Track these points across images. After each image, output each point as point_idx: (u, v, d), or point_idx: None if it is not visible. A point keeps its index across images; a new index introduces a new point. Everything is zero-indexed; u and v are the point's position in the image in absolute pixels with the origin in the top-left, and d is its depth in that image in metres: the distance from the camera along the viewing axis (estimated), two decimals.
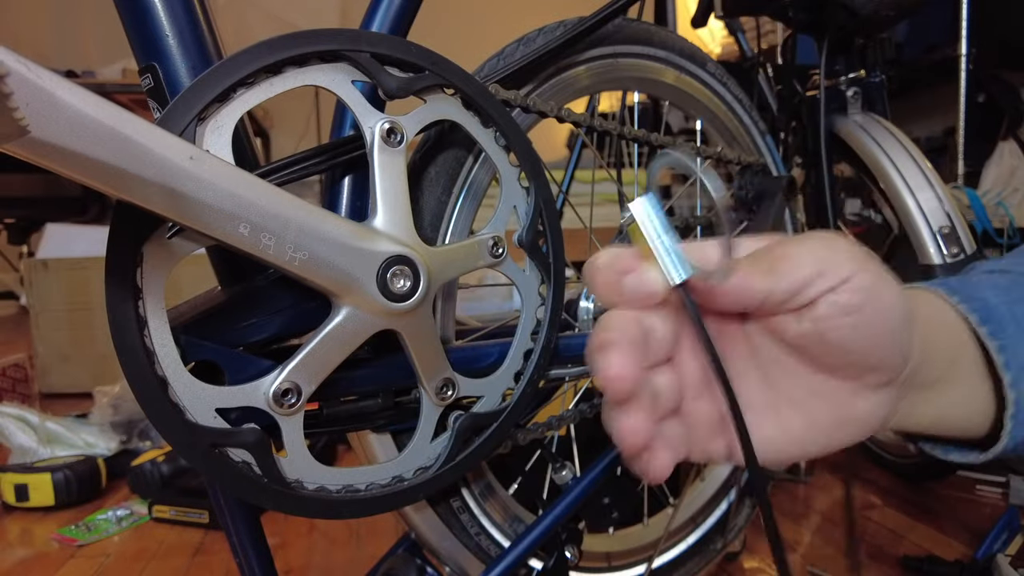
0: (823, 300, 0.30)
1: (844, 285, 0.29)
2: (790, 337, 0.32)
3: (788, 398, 0.34)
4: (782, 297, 0.30)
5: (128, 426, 1.43)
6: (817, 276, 0.29)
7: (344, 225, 0.43)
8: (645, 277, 0.29)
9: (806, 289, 0.29)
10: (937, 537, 1.02)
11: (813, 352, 0.32)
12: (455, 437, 0.52)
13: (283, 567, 0.98)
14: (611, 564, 0.76)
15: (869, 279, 0.30)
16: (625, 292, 0.30)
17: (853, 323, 0.30)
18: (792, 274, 0.29)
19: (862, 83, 1.00)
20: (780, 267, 0.30)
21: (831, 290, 0.29)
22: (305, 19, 3.46)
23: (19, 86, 0.26)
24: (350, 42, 0.44)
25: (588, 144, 0.70)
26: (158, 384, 0.39)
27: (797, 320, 0.31)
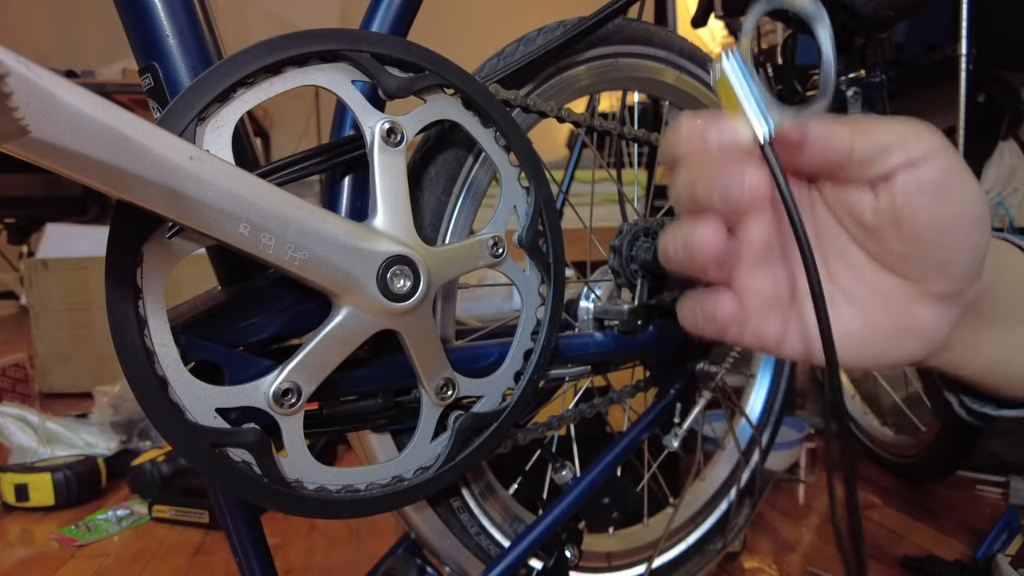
0: (903, 174, 0.29)
1: (925, 161, 0.29)
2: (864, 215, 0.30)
3: (848, 293, 0.32)
4: (863, 157, 0.29)
5: (128, 426, 1.43)
6: (900, 143, 0.29)
7: (344, 225, 0.43)
8: (732, 128, 0.29)
9: (888, 153, 0.29)
10: (937, 537, 1.02)
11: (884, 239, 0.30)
12: (455, 437, 0.52)
13: (283, 567, 0.98)
14: (611, 564, 0.76)
15: (951, 161, 0.29)
16: (709, 141, 0.29)
17: (930, 204, 0.29)
18: (876, 136, 0.29)
19: (862, 83, 1.00)
20: (865, 127, 0.29)
21: (912, 163, 0.29)
22: (305, 19, 3.46)
23: (19, 86, 0.26)
24: (350, 42, 0.44)
25: (588, 144, 0.70)
26: (158, 384, 0.39)
27: (873, 197, 0.30)
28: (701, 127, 0.29)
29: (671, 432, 0.74)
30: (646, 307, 0.67)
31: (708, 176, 0.29)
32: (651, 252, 0.65)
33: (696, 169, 0.29)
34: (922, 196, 0.29)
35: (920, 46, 2.10)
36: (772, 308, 0.32)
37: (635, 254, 0.66)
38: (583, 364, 0.64)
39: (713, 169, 0.29)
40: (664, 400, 0.69)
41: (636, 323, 0.66)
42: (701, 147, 0.29)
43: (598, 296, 0.69)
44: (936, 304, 0.31)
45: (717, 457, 0.89)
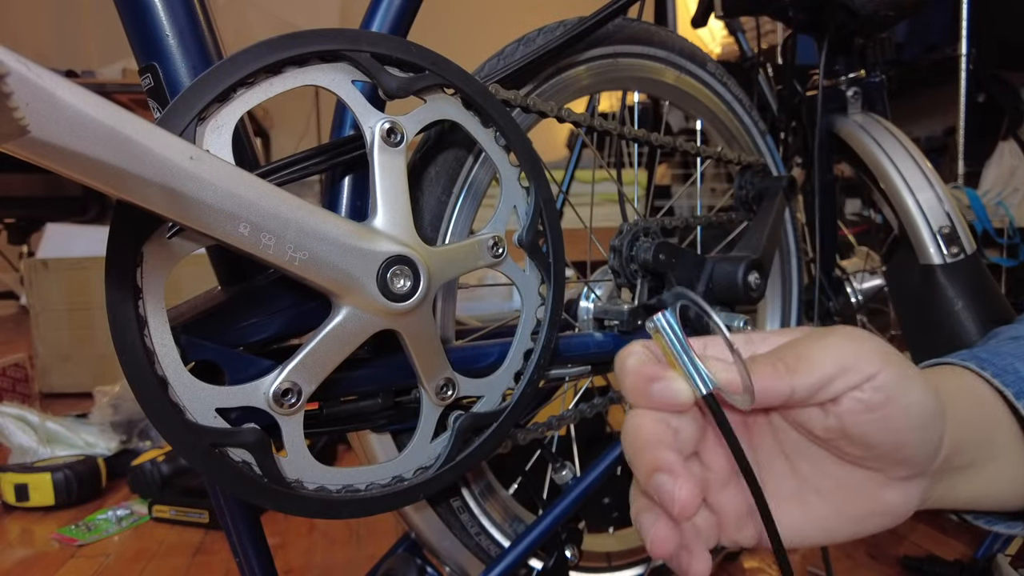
0: (847, 396, 0.30)
1: (868, 383, 0.30)
2: (816, 432, 0.32)
3: (815, 488, 0.34)
4: (805, 394, 0.30)
5: (128, 426, 1.43)
6: (840, 373, 0.30)
7: (344, 225, 0.43)
8: (672, 387, 0.30)
9: (829, 385, 0.30)
10: (937, 537, 1.02)
11: (839, 445, 0.32)
12: (455, 437, 0.52)
13: (283, 567, 0.98)
14: (611, 564, 0.76)
15: (893, 376, 0.30)
16: (653, 398, 0.31)
17: (878, 419, 0.30)
18: (814, 372, 0.30)
19: (862, 83, 1.00)
20: (802, 366, 0.30)
21: (855, 387, 0.30)
22: (305, 19, 3.46)
23: (19, 86, 0.26)
24: (350, 42, 0.44)
25: (588, 144, 0.70)
26: (158, 384, 0.39)
27: (823, 415, 0.31)
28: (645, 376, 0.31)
29: None
30: (646, 307, 0.67)
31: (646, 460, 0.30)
32: (651, 252, 0.65)
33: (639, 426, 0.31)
34: (867, 414, 0.30)
35: (920, 46, 2.10)
36: (744, 519, 0.34)
37: (635, 254, 0.66)
38: (583, 364, 0.64)
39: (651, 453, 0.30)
40: None
41: (636, 323, 0.66)
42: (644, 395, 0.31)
43: (598, 296, 0.69)
44: (902, 484, 0.33)
45: None
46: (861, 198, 1.80)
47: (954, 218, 0.86)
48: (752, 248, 0.72)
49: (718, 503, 0.34)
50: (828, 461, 0.34)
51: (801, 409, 0.32)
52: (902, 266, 0.90)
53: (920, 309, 0.87)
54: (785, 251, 0.91)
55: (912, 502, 0.34)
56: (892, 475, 0.33)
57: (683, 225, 0.75)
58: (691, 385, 0.30)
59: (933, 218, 0.86)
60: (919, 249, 0.87)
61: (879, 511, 0.34)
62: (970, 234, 0.86)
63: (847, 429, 0.31)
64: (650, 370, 0.31)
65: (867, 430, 0.30)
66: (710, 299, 0.70)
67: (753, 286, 0.69)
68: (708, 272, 0.69)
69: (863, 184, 0.98)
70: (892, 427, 0.30)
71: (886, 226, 1.00)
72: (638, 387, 0.31)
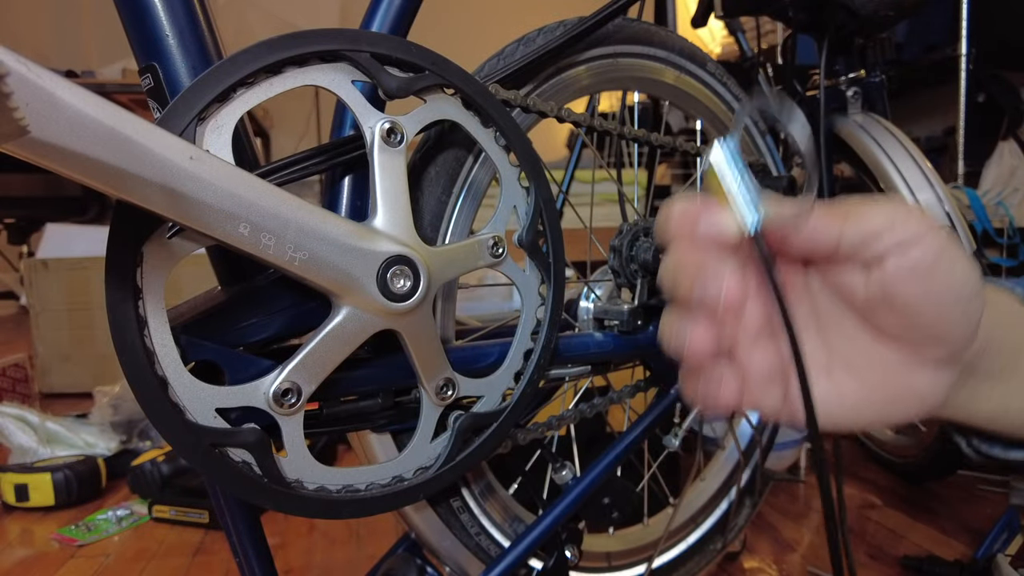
0: (892, 257, 0.29)
1: (914, 244, 0.29)
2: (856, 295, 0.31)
3: (845, 362, 0.33)
4: (852, 243, 0.30)
5: (128, 426, 1.43)
6: (888, 228, 0.29)
7: (344, 225, 0.43)
8: (720, 219, 0.29)
9: (876, 239, 0.29)
10: (937, 537, 1.02)
11: (878, 314, 0.31)
12: (455, 437, 0.52)
13: (283, 567, 0.98)
14: (611, 564, 0.76)
15: (939, 242, 0.29)
16: (699, 232, 0.30)
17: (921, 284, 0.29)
18: (863, 222, 0.29)
19: (862, 83, 1.00)
20: (852, 214, 0.30)
21: (901, 247, 0.29)
22: (305, 19, 3.46)
23: (19, 86, 0.26)
24: (350, 42, 0.44)
25: (588, 144, 0.70)
26: (158, 384, 0.39)
27: (864, 278, 0.30)
28: (691, 215, 0.30)
29: (671, 432, 0.74)
30: (646, 307, 0.67)
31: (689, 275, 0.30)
32: (651, 252, 0.65)
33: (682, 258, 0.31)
34: (912, 278, 0.29)
35: (920, 46, 2.10)
36: (771, 381, 0.33)
37: (635, 254, 0.66)
38: (583, 364, 0.64)
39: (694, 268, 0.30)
40: (664, 400, 0.69)
41: (636, 323, 0.66)
42: (690, 236, 0.30)
43: (598, 296, 0.69)
44: (933, 369, 0.32)
45: (717, 457, 0.89)
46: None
47: (954, 218, 0.86)
48: None
49: (746, 359, 0.33)
50: (862, 335, 0.33)
51: (844, 271, 0.31)
52: None
53: None
54: None
55: (940, 390, 0.33)
56: (926, 355, 0.32)
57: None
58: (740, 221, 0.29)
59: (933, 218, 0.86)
60: None
61: (907, 395, 0.33)
62: (970, 234, 0.87)
63: (889, 292, 0.30)
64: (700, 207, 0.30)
65: (909, 295, 0.30)
66: None
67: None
68: None
69: (863, 184, 0.98)
70: (934, 294, 0.30)
71: None
72: (684, 223, 0.30)
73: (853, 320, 0.33)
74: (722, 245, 0.30)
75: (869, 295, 0.31)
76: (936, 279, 0.29)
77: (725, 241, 0.30)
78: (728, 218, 0.29)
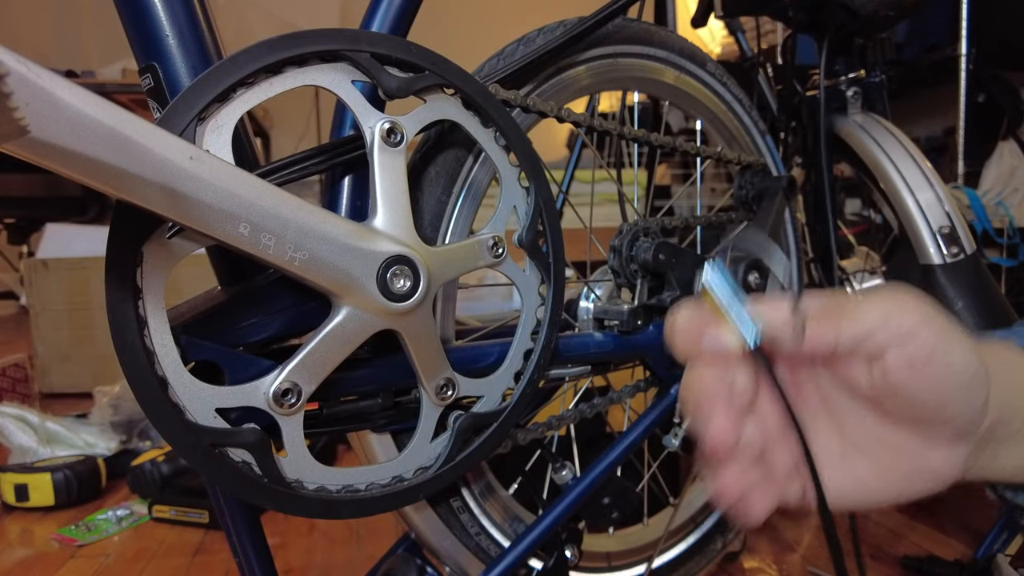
0: (891, 352, 0.30)
1: (911, 337, 0.30)
2: (862, 388, 0.33)
3: (860, 447, 0.35)
4: (850, 343, 0.31)
5: (128, 426, 1.43)
6: (882, 325, 0.30)
7: (344, 225, 0.43)
8: (722, 338, 0.32)
9: (872, 338, 0.31)
10: (937, 537, 1.02)
11: (884, 403, 0.33)
12: (455, 437, 0.52)
13: (283, 567, 0.98)
14: (611, 564, 0.76)
15: (936, 333, 0.31)
16: (704, 351, 0.32)
17: (921, 375, 0.31)
18: (858, 322, 0.31)
19: (862, 83, 1.00)
20: (846, 315, 0.31)
21: (898, 341, 0.30)
22: (305, 19, 3.46)
23: (19, 86, 0.26)
24: (350, 42, 0.44)
25: (588, 144, 0.70)
26: (158, 384, 0.39)
27: (867, 371, 0.32)
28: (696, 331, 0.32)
29: (671, 432, 0.74)
30: (646, 307, 0.67)
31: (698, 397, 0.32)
32: (651, 252, 0.65)
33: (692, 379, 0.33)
34: (911, 369, 0.30)
35: (920, 46, 2.10)
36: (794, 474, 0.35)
37: (635, 254, 0.66)
38: (583, 364, 0.64)
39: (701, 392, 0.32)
40: (664, 400, 0.69)
41: (636, 323, 0.66)
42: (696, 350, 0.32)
43: (598, 296, 0.69)
44: (946, 447, 0.33)
45: None
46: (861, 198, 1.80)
47: (954, 218, 0.86)
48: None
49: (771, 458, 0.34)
50: (873, 420, 0.34)
51: (847, 366, 0.32)
52: (902, 266, 0.90)
53: None
54: (785, 251, 0.91)
55: (956, 466, 0.33)
56: (936, 436, 0.33)
57: (683, 225, 0.75)
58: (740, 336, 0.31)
59: (933, 218, 0.86)
60: (919, 249, 0.87)
61: (923, 473, 0.34)
62: (970, 234, 0.86)
63: (892, 385, 0.31)
64: (700, 323, 0.32)
65: (911, 386, 0.31)
66: None
67: (753, 286, 0.69)
68: None
69: (863, 184, 0.98)
70: (935, 384, 0.31)
71: (886, 226, 1.00)
72: (689, 340, 0.32)
73: (862, 408, 0.34)
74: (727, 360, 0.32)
75: (873, 385, 0.32)
76: (934, 368, 0.30)
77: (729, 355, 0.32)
78: (729, 334, 0.31)
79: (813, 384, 0.35)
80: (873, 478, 0.34)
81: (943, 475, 0.34)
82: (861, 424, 0.34)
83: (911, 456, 0.34)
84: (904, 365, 0.30)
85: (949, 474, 0.34)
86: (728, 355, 0.32)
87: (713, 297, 0.31)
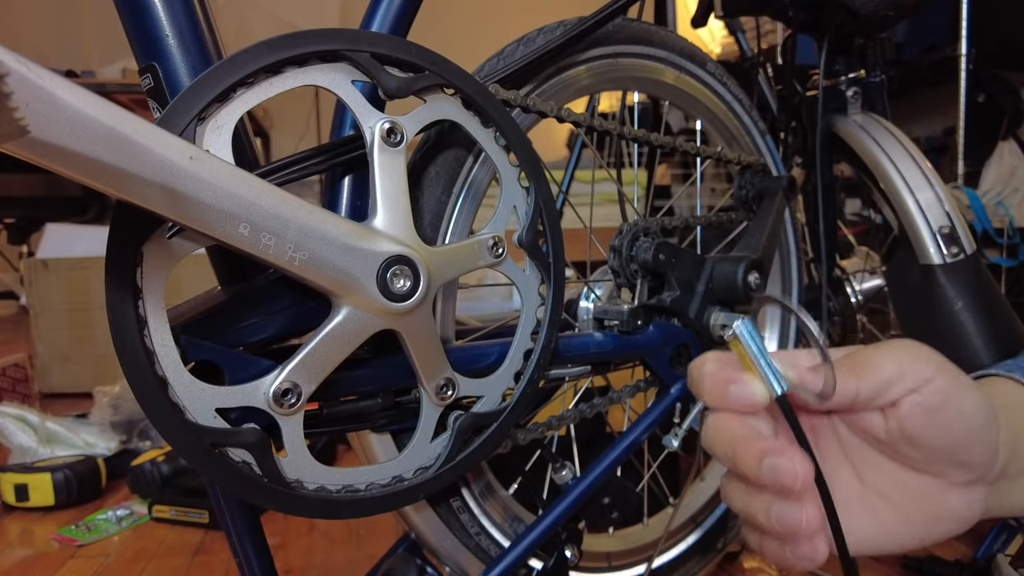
0: (906, 400, 0.32)
1: (925, 386, 0.32)
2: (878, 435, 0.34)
3: (881, 494, 0.36)
4: (868, 396, 0.33)
5: (128, 426, 1.43)
6: (898, 377, 0.32)
7: (344, 225, 0.43)
8: (749, 388, 0.33)
9: (889, 389, 0.32)
10: None
11: (901, 449, 0.34)
12: (455, 437, 0.52)
13: (283, 567, 0.98)
14: (611, 564, 0.76)
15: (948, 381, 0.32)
16: (731, 399, 0.33)
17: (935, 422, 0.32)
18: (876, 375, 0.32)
19: (862, 83, 1.00)
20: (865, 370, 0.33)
21: (913, 391, 0.32)
22: (305, 19, 3.47)
23: (19, 86, 0.26)
24: (350, 42, 0.44)
25: (588, 144, 0.70)
26: (158, 384, 0.39)
27: (883, 419, 0.33)
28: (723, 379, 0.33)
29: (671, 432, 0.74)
30: (646, 307, 0.67)
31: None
32: (651, 252, 0.65)
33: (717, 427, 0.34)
34: (926, 416, 0.32)
35: (920, 46, 2.10)
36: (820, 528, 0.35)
37: (635, 254, 0.66)
38: (583, 364, 0.64)
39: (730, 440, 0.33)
40: (664, 400, 0.69)
41: (636, 323, 0.66)
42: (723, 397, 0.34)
43: (598, 296, 0.69)
44: (963, 489, 0.35)
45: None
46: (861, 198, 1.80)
47: (954, 218, 0.86)
48: (752, 248, 0.72)
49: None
50: (891, 467, 0.35)
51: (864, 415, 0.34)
52: (902, 266, 0.90)
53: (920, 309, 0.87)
54: (785, 251, 0.91)
55: (975, 508, 0.35)
56: (953, 480, 0.34)
57: (683, 225, 0.75)
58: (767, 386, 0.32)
59: (933, 218, 0.86)
60: (919, 249, 0.87)
61: (944, 516, 0.35)
62: (970, 234, 0.86)
63: (907, 432, 0.32)
64: (728, 373, 0.33)
65: (926, 433, 0.32)
66: (709, 299, 0.70)
67: (753, 286, 0.69)
68: (708, 272, 0.69)
69: (863, 184, 0.98)
70: (949, 430, 0.32)
71: (886, 226, 1.00)
72: (717, 388, 0.33)
73: (880, 455, 0.36)
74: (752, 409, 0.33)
75: (890, 432, 0.33)
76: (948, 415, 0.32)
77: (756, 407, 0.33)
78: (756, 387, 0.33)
79: (831, 433, 0.37)
80: (897, 524, 0.35)
81: (964, 517, 0.35)
82: (880, 471, 0.36)
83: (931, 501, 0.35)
84: (920, 412, 0.32)
85: (969, 516, 0.35)
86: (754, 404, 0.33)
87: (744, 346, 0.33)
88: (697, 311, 0.68)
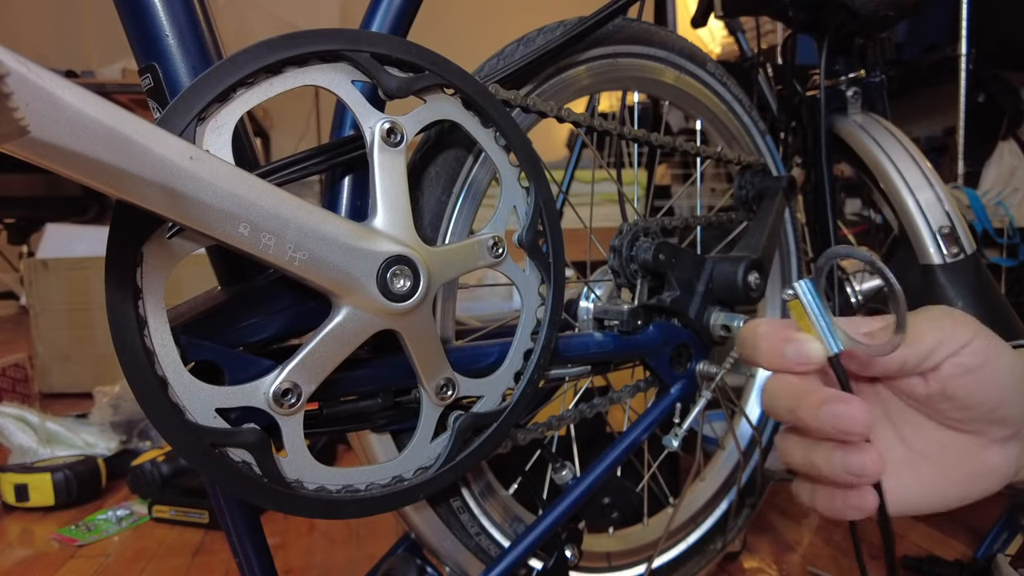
0: (947, 362, 0.34)
1: (965, 348, 0.34)
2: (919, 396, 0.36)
3: (922, 453, 0.37)
4: (915, 363, 0.35)
5: (128, 426, 1.43)
6: (940, 343, 0.34)
7: (344, 225, 0.43)
8: (806, 347, 0.35)
9: (932, 355, 0.34)
10: (937, 537, 1.02)
11: (940, 408, 0.36)
12: (455, 437, 0.52)
13: (283, 567, 0.98)
14: (611, 564, 0.76)
15: (986, 342, 0.34)
16: (788, 357, 0.35)
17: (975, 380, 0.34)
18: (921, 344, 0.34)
19: (862, 83, 1.00)
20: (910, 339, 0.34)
21: (953, 354, 0.34)
22: (305, 19, 3.47)
23: (19, 86, 0.26)
24: (350, 42, 0.44)
25: (588, 144, 0.70)
26: (158, 384, 0.39)
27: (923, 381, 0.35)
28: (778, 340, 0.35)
29: (671, 432, 0.74)
30: (646, 307, 0.67)
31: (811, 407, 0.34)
32: (651, 252, 0.65)
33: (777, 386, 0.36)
34: (966, 377, 0.34)
35: (920, 46, 2.10)
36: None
37: (635, 254, 0.66)
38: (583, 364, 0.64)
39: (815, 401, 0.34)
40: (664, 400, 0.69)
41: (636, 323, 0.66)
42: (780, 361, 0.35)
43: (598, 296, 0.69)
44: (1001, 446, 0.36)
45: (717, 457, 0.89)
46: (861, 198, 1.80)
47: (954, 218, 0.86)
48: (752, 248, 0.72)
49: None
50: (931, 427, 0.37)
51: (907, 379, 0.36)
52: (902, 266, 0.90)
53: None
54: (785, 251, 0.91)
55: (1011, 463, 0.37)
56: (991, 436, 0.36)
57: (683, 225, 0.75)
58: (823, 344, 0.34)
59: (933, 218, 0.86)
60: (919, 249, 0.87)
61: (983, 472, 0.37)
62: (970, 234, 0.86)
63: (948, 392, 0.35)
64: (785, 333, 0.35)
65: (966, 391, 0.34)
66: (709, 299, 0.70)
67: (753, 286, 0.69)
68: (708, 272, 0.69)
69: (863, 184, 0.98)
70: (988, 386, 0.34)
71: (886, 226, 1.00)
72: (774, 348, 0.35)
73: (920, 416, 0.37)
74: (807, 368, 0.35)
75: (930, 394, 0.35)
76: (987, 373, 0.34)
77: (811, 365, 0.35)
78: (813, 345, 0.35)
79: (874, 395, 0.38)
80: (938, 482, 0.37)
81: (1002, 472, 0.37)
82: (920, 431, 0.37)
83: (970, 458, 0.36)
84: (960, 372, 0.34)
85: (1007, 472, 0.37)
86: (810, 362, 0.34)
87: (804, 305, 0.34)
88: (697, 311, 0.68)
